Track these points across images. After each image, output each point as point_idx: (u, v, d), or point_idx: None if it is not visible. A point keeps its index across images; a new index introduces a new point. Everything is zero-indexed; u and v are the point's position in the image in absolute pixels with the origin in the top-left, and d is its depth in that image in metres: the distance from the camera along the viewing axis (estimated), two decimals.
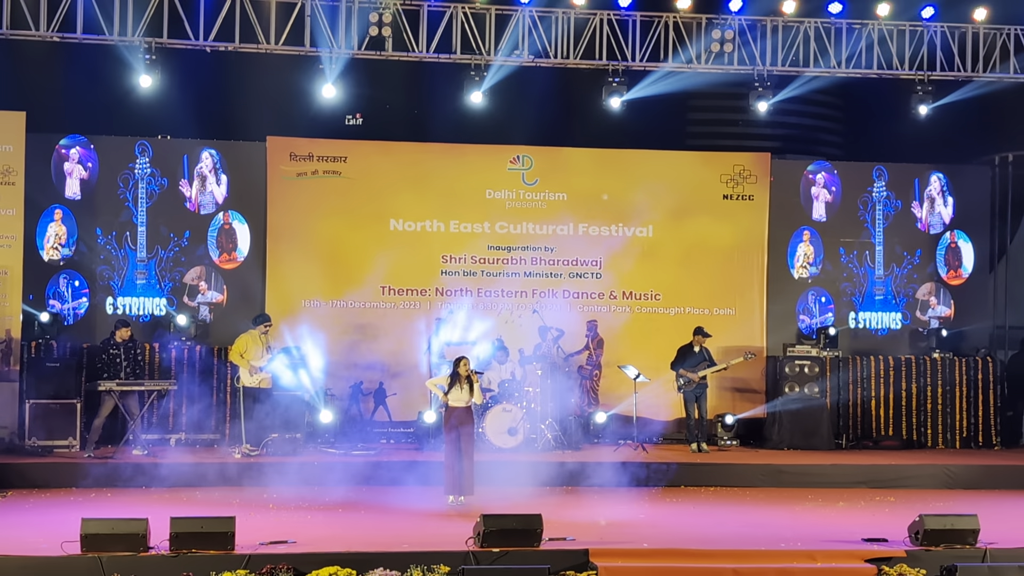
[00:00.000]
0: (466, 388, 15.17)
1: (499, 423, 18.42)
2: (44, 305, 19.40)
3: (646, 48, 19.27)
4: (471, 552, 11.94)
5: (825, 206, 21.66)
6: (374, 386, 19.85)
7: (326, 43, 18.54)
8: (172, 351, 19.21)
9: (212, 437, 18.94)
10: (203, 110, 20.09)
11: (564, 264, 20.82)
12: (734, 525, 14.19)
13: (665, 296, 20.98)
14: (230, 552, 11.67)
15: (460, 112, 19.70)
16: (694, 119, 23.57)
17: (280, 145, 20.34)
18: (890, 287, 21.76)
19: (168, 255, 20.07)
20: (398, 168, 20.58)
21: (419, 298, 20.47)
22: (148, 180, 20.01)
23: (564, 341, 19.74)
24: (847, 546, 12.74)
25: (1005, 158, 22.01)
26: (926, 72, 19.73)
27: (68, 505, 14.71)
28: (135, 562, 11.41)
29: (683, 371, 19.36)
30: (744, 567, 12.18)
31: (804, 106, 22.57)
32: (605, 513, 14.53)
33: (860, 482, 17.66)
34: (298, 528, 13.15)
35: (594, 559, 12.03)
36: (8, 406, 18.39)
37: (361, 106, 20.98)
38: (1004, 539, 12.80)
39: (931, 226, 21.97)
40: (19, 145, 18.83)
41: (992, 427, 20.93)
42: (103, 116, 19.90)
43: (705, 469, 17.58)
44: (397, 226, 20.56)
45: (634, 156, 21.09)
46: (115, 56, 18.46)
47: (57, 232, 19.66)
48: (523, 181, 20.84)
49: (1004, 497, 16.71)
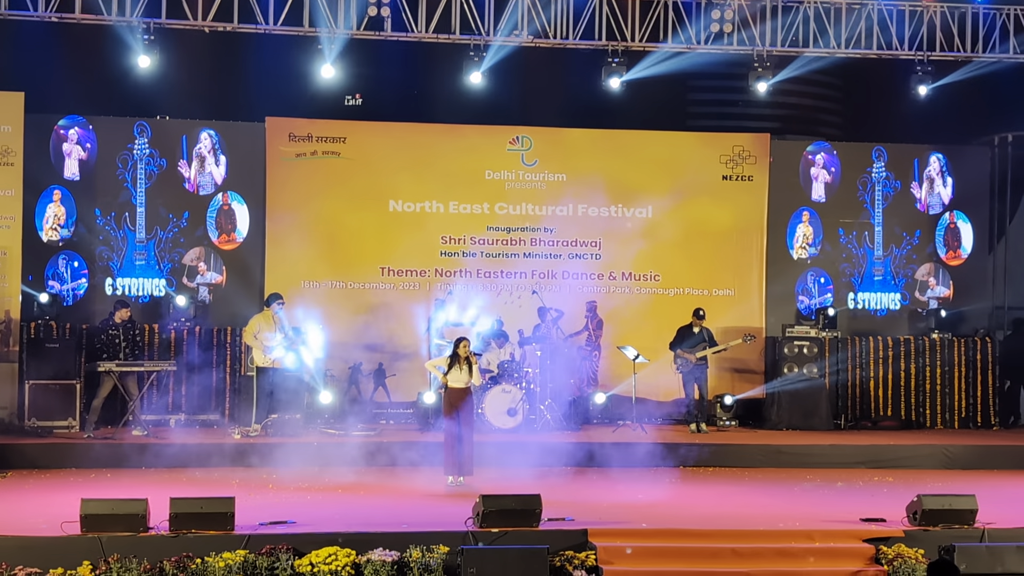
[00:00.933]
0: (465, 369, 15.18)
1: (498, 404, 18.44)
2: (43, 286, 19.39)
3: (646, 28, 19.24)
4: (470, 532, 11.98)
5: (824, 187, 21.65)
6: (374, 367, 19.85)
7: (325, 23, 18.51)
8: (171, 332, 19.22)
9: (212, 417, 18.94)
10: (202, 91, 20.10)
11: (564, 245, 20.82)
12: (733, 505, 14.22)
13: (664, 277, 20.98)
14: (229, 532, 11.72)
15: (459, 93, 19.67)
16: (694, 100, 23.58)
17: (279, 126, 20.32)
18: (889, 268, 21.76)
19: (167, 236, 20.07)
20: (397, 149, 20.56)
21: (418, 279, 20.47)
22: (147, 161, 20.00)
23: (563, 322, 19.76)
24: (845, 526, 12.78)
25: (1004, 138, 21.99)
26: (926, 52, 19.70)
27: (67, 485, 14.72)
28: (135, 542, 11.44)
29: (680, 352, 19.38)
30: (743, 547, 12.22)
31: (804, 87, 22.58)
32: (605, 495, 14.58)
33: (858, 462, 17.68)
34: (297, 508, 13.19)
35: (593, 539, 12.07)
36: (8, 387, 18.44)
37: (360, 86, 20.96)
38: (1002, 519, 12.84)
39: (930, 206, 21.96)
40: (18, 126, 18.81)
41: (991, 407, 20.95)
42: (102, 97, 19.90)
43: (704, 449, 17.58)
44: (396, 207, 20.56)
45: (634, 137, 21.08)
46: (114, 36, 18.44)
47: (56, 213, 19.65)
48: (522, 162, 20.83)
49: (1002, 477, 16.73)
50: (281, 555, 11.42)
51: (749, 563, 12.00)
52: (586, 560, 11.76)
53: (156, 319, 19.44)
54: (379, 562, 11.39)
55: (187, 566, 11.25)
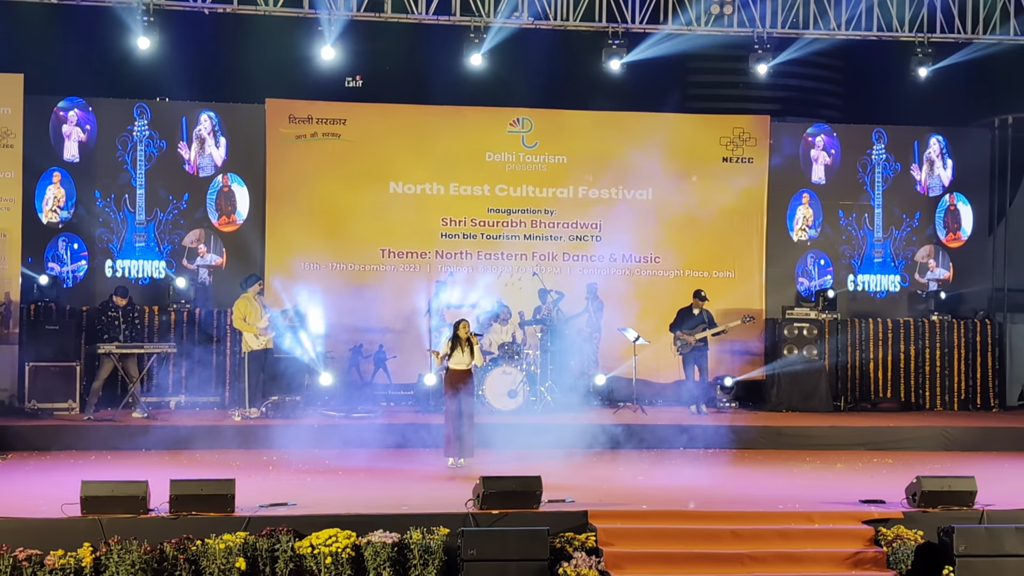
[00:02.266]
0: (467, 351, 15.20)
1: (499, 386, 18.44)
2: (43, 268, 19.40)
3: (646, 10, 19.19)
4: (471, 514, 12.00)
5: (824, 169, 21.64)
6: (374, 348, 19.87)
7: (325, 4, 18.46)
8: (171, 314, 19.22)
9: (212, 399, 18.95)
10: (202, 72, 20.04)
11: (564, 227, 20.82)
12: (733, 487, 14.23)
13: (664, 259, 20.98)
14: (230, 514, 11.73)
15: (460, 74, 19.63)
16: (694, 82, 23.53)
17: (279, 107, 20.30)
18: (889, 249, 21.76)
19: (167, 218, 20.06)
20: (398, 130, 20.55)
21: (419, 261, 20.47)
22: (147, 142, 19.98)
23: (564, 304, 19.78)
24: (845, 507, 12.79)
25: (1005, 120, 21.96)
26: (926, 34, 19.63)
27: (68, 467, 14.74)
28: (135, 524, 11.45)
29: (680, 333, 19.39)
30: (742, 528, 12.24)
31: (804, 68, 22.51)
32: (606, 477, 14.61)
33: (858, 444, 17.70)
34: (298, 490, 13.19)
35: (593, 520, 12.09)
36: (8, 369, 18.43)
37: (360, 68, 20.92)
38: (1001, 501, 12.85)
39: (930, 188, 21.95)
40: (17, 107, 18.80)
41: (990, 389, 20.98)
42: (101, 78, 19.87)
43: (704, 431, 17.59)
44: (397, 189, 20.55)
45: (634, 119, 21.05)
46: (113, 18, 18.40)
47: (56, 195, 19.64)
48: (523, 144, 20.81)
49: (1001, 459, 16.74)
50: (281, 537, 11.43)
51: (749, 545, 12.02)
52: (586, 542, 11.78)
53: (156, 301, 19.45)
54: (379, 544, 11.40)
55: (187, 548, 11.26)
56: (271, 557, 11.39)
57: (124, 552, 11.07)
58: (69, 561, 11.03)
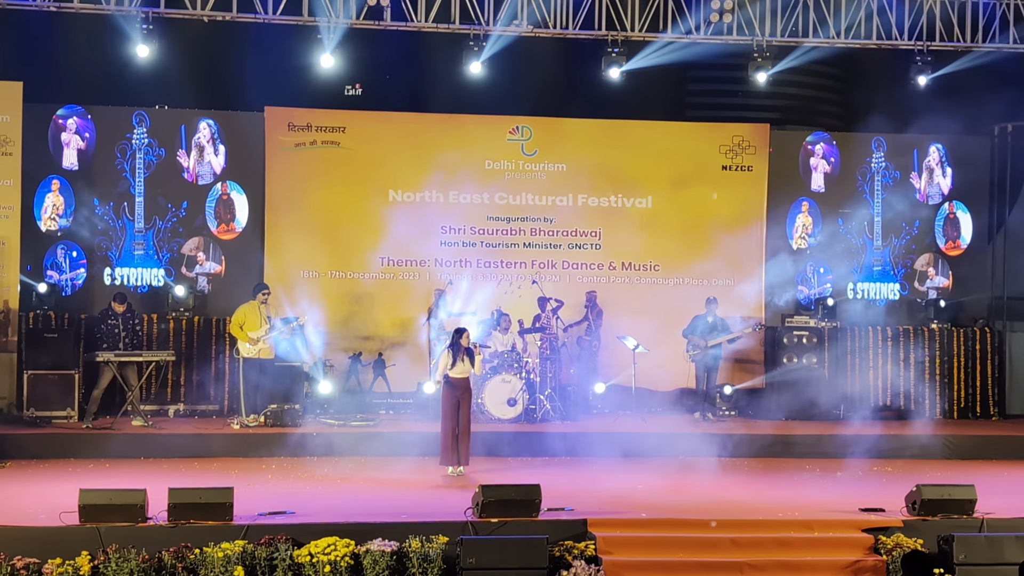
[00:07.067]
0: (466, 360, 15.18)
1: (498, 394, 18.43)
2: (42, 276, 19.39)
3: (645, 18, 19.18)
4: (470, 522, 11.99)
5: (824, 177, 21.65)
6: (373, 357, 19.87)
7: (324, 12, 18.45)
8: (170, 322, 19.21)
9: (210, 408, 18.94)
10: (201, 80, 20.04)
11: (563, 235, 20.82)
12: (732, 495, 14.22)
13: (664, 267, 20.98)
14: (228, 523, 11.72)
15: (459, 82, 19.62)
16: (693, 90, 23.52)
17: (278, 115, 20.30)
18: (888, 258, 21.76)
19: (166, 226, 20.05)
20: (397, 138, 20.55)
21: (418, 269, 20.44)
22: (146, 150, 19.98)
23: (563, 312, 19.77)
24: (844, 516, 12.79)
25: (1004, 129, 21.97)
26: (926, 42, 19.63)
27: (66, 476, 14.70)
28: (133, 533, 11.44)
29: (694, 338, 19.40)
30: (742, 536, 12.23)
31: (803, 77, 22.51)
32: (605, 485, 14.59)
33: (857, 452, 17.66)
34: (296, 499, 13.17)
35: (592, 529, 12.08)
36: (6, 377, 18.41)
37: (360, 76, 20.93)
38: (1001, 509, 12.86)
39: (930, 197, 21.96)
40: (16, 115, 18.78)
41: (990, 397, 20.97)
42: (100, 86, 19.87)
43: (703, 439, 17.57)
44: (396, 197, 20.54)
45: (633, 127, 21.07)
46: (112, 26, 18.37)
47: (55, 202, 19.63)
48: (522, 152, 20.81)
49: (1001, 467, 16.75)
50: (280, 545, 11.42)
51: (748, 553, 12.01)
52: (585, 550, 11.76)
53: (155, 309, 19.43)
54: (378, 552, 11.38)
55: (185, 556, 11.25)
56: (269, 566, 11.37)
57: (122, 561, 11.07)
58: (67, 570, 11.00)
